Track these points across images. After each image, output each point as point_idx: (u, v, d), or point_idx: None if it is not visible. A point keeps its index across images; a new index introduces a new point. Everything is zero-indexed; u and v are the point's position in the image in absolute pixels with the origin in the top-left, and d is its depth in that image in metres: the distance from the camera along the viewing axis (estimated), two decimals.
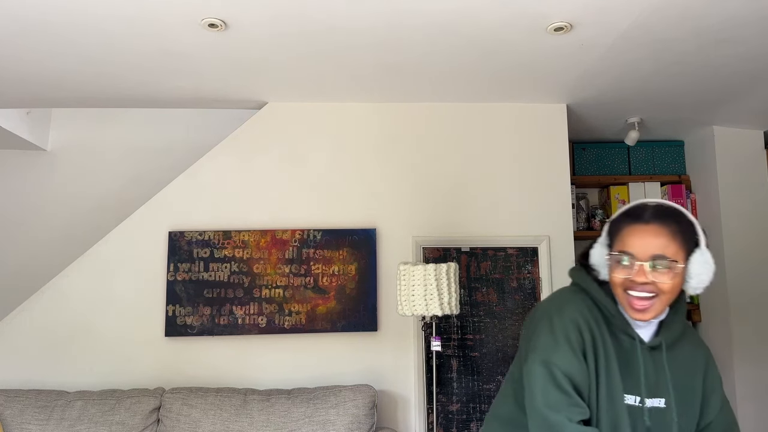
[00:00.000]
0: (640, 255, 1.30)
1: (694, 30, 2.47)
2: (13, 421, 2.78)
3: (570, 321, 1.37)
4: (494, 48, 2.70)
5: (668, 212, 1.33)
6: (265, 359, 3.19)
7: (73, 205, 3.75)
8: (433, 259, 3.33)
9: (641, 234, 1.31)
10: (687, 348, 1.45)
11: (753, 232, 3.70)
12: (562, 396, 1.30)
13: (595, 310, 1.40)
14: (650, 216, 1.32)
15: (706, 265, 1.31)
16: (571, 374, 1.32)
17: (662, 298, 1.31)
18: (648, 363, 1.38)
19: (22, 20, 2.34)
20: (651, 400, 1.37)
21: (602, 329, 1.38)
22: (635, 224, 1.33)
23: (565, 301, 1.41)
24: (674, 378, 1.40)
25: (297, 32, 2.52)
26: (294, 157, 3.37)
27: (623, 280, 1.32)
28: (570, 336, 1.35)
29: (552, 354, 1.34)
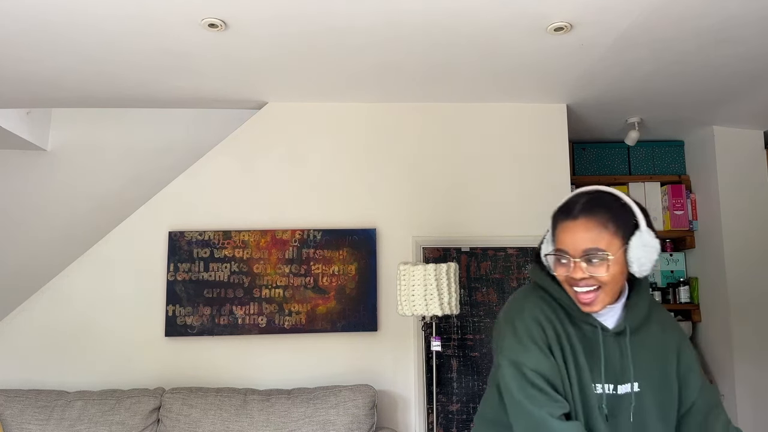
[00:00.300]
0: (573, 252, 1.29)
1: (694, 30, 2.47)
2: (13, 421, 2.78)
3: (531, 319, 1.37)
4: (494, 48, 2.70)
5: (598, 202, 1.30)
6: (265, 359, 3.19)
7: (73, 205, 3.75)
8: (433, 259, 3.33)
9: (571, 230, 1.29)
10: (655, 330, 1.42)
11: (753, 232, 3.70)
12: (538, 393, 1.30)
13: (554, 304, 1.39)
14: (579, 210, 1.30)
15: (646, 248, 1.28)
16: (541, 371, 1.31)
17: (606, 289, 1.29)
18: (613, 350, 1.36)
19: (22, 20, 2.34)
20: (622, 386, 1.35)
21: (564, 322, 1.37)
22: (566, 221, 1.31)
23: (524, 300, 1.41)
24: (643, 362, 1.38)
25: (297, 32, 2.52)
26: (294, 157, 3.37)
27: (565, 278, 1.32)
28: (533, 334, 1.35)
29: (520, 355, 1.34)
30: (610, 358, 1.36)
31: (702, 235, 3.92)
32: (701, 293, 3.93)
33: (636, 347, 1.39)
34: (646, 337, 1.40)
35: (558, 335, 1.36)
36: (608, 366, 1.36)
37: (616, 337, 1.38)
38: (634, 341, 1.39)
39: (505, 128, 3.46)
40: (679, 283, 3.97)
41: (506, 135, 3.45)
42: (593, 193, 1.34)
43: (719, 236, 3.72)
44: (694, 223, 3.96)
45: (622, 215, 1.30)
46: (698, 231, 3.95)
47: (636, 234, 1.29)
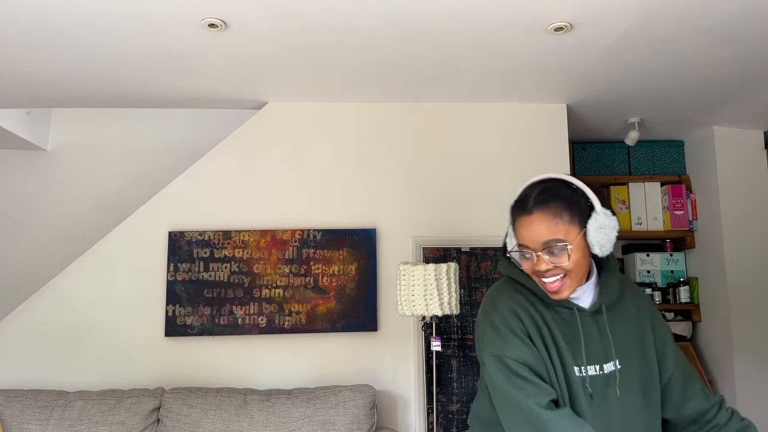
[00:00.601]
0: (534, 246, 1.29)
1: (694, 30, 2.47)
2: (13, 421, 2.78)
3: (507, 311, 1.37)
4: (494, 48, 2.70)
5: (550, 192, 1.30)
6: (265, 359, 3.19)
7: (73, 205, 3.75)
8: (433, 259, 3.33)
9: (528, 225, 1.29)
10: (629, 305, 1.44)
11: (753, 232, 3.70)
12: (524, 383, 1.30)
13: (527, 293, 1.40)
14: (533, 204, 1.30)
15: (603, 229, 1.29)
16: (525, 361, 1.32)
17: (571, 275, 1.30)
18: (591, 330, 1.37)
19: (22, 20, 2.34)
20: (608, 365, 1.36)
21: (540, 309, 1.37)
22: (522, 216, 1.31)
23: (497, 294, 1.42)
24: (622, 338, 1.39)
25: (297, 32, 2.52)
26: (294, 157, 3.37)
27: (532, 271, 1.33)
28: (511, 325, 1.35)
29: (501, 348, 1.34)
30: (590, 338, 1.36)
31: (702, 235, 3.92)
32: (701, 293, 3.92)
33: (613, 324, 1.39)
34: (621, 313, 1.42)
35: (536, 323, 1.36)
36: (589, 346, 1.36)
37: (594, 317, 1.38)
38: (611, 318, 1.39)
39: (505, 128, 3.46)
40: (679, 283, 3.97)
41: (506, 135, 3.45)
42: (544, 182, 1.33)
43: (719, 236, 3.71)
44: (694, 223, 3.96)
45: (576, 201, 1.31)
46: (698, 231, 3.95)
47: (592, 216, 1.30)
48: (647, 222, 4.01)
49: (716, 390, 3.71)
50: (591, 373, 1.34)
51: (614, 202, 4.04)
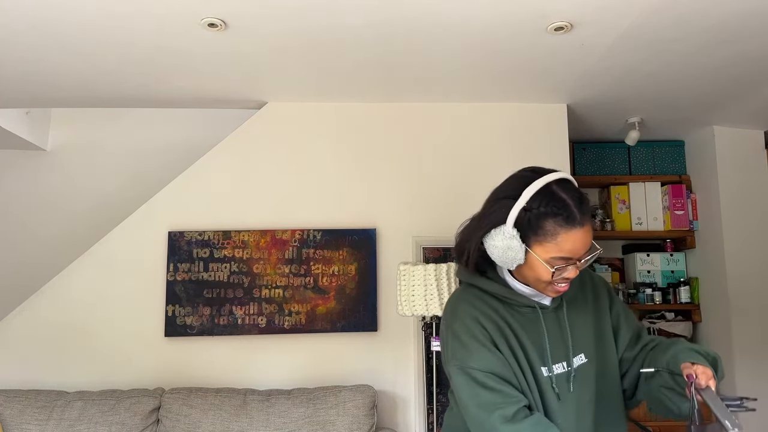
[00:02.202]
0: (579, 256, 1.25)
1: (694, 30, 2.47)
2: (12, 421, 2.78)
3: (468, 318, 1.32)
4: (494, 48, 2.69)
5: (584, 197, 1.27)
6: (265, 359, 3.19)
7: (73, 205, 3.75)
8: (433, 259, 3.33)
9: (580, 237, 1.22)
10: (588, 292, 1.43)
11: (753, 232, 3.69)
12: (490, 395, 1.25)
13: (487, 297, 1.36)
14: (581, 214, 1.23)
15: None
16: (491, 369, 1.27)
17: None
18: (554, 327, 1.35)
19: (22, 20, 2.34)
20: (575, 359, 1.34)
21: (501, 312, 1.34)
22: (572, 229, 1.22)
23: (457, 303, 1.38)
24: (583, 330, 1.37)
25: (297, 32, 2.52)
26: (294, 157, 3.37)
27: (554, 278, 1.27)
28: (474, 332, 1.30)
29: (465, 358, 1.29)
30: (554, 335, 1.34)
31: (702, 235, 3.92)
32: (701, 293, 3.92)
33: (574, 317, 1.37)
34: (581, 304, 1.40)
35: (500, 328, 1.32)
36: (553, 344, 1.33)
37: (555, 312, 1.36)
38: (572, 312, 1.38)
39: (505, 128, 3.46)
40: (680, 283, 3.97)
41: (506, 135, 3.45)
42: (567, 183, 1.29)
43: (719, 236, 3.71)
44: (695, 223, 3.96)
45: None
46: (698, 231, 3.95)
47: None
48: (647, 222, 4.01)
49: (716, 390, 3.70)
50: (558, 371, 1.33)
51: (614, 202, 4.04)
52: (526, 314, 1.34)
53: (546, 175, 1.29)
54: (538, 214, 1.24)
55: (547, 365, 1.32)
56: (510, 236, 1.25)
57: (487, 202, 1.37)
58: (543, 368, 1.32)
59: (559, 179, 1.28)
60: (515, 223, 1.26)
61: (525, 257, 1.26)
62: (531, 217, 1.24)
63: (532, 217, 1.24)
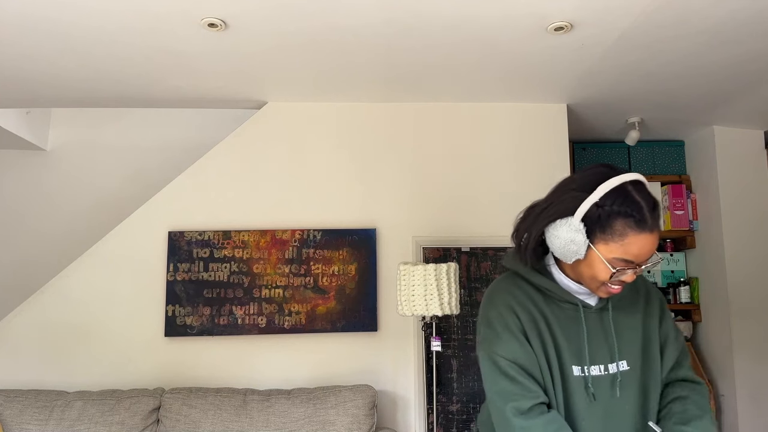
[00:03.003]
0: (641, 261, 1.23)
1: (694, 30, 2.47)
2: (13, 421, 2.78)
3: (503, 307, 1.33)
4: (494, 48, 2.69)
5: (658, 204, 1.25)
6: (265, 359, 3.19)
7: (73, 205, 3.75)
8: (433, 259, 3.33)
9: (647, 243, 1.20)
10: (640, 300, 1.39)
11: (753, 232, 3.69)
12: (509, 385, 1.27)
13: (528, 287, 1.35)
14: (652, 220, 1.20)
15: None
16: (515, 359, 1.28)
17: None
18: (596, 328, 1.32)
19: (22, 20, 2.34)
20: (613, 365, 1.31)
21: (540, 305, 1.33)
22: (642, 233, 1.19)
23: (496, 290, 1.39)
24: (629, 336, 1.34)
25: (297, 32, 2.52)
26: (294, 157, 3.37)
27: (611, 281, 1.25)
28: (507, 321, 1.31)
29: (493, 344, 1.31)
30: (595, 336, 1.32)
31: (702, 235, 3.92)
32: (701, 293, 3.92)
33: (620, 323, 1.34)
34: (630, 311, 1.36)
35: (534, 319, 1.32)
36: (593, 345, 1.31)
37: (600, 314, 1.33)
38: (618, 317, 1.34)
39: (505, 128, 3.46)
40: (680, 283, 3.97)
41: (506, 135, 3.45)
42: (642, 185, 1.24)
43: (719, 236, 3.71)
44: (695, 223, 3.96)
45: None
46: (698, 231, 3.95)
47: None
48: None
49: (716, 390, 3.71)
50: (595, 373, 1.30)
51: None
52: (567, 310, 1.32)
53: (622, 175, 1.24)
54: (609, 212, 1.20)
55: (581, 365, 1.30)
56: (576, 229, 1.22)
57: (554, 191, 1.32)
58: (575, 367, 1.30)
59: (634, 180, 1.24)
60: (584, 217, 1.23)
61: (586, 253, 1.23)
62: (602, 214, 1.21)
63: (603, 214, 1.21)
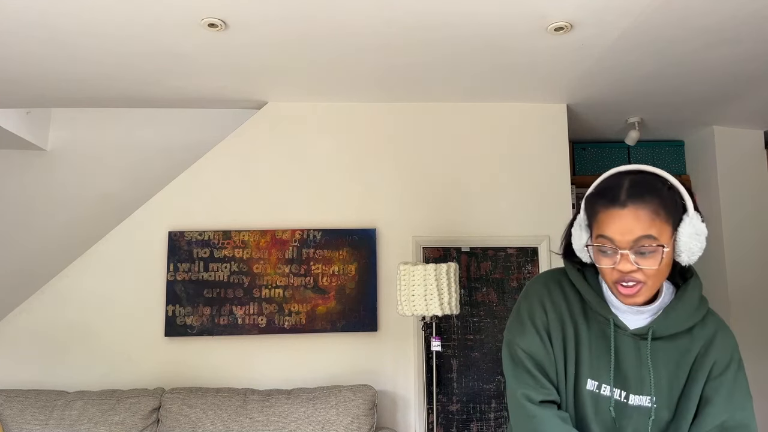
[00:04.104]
0: (621, 243, 1.13)
1: (694, 30, 2.47)
2: (13, 421, 2.78)
3: (536, 301, 1.32)
4: (494, 48, 2.70)
5: (646, 186, 1.14)
6: (265, 359, 3.19)
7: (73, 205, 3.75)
8: (433, 259, 3.33)
9: (618, 219, 1.13)
10: (694, 344, 1.24)
11: (753, 232, 3.70)
12: (524, 374, 1.27)
13: (570, 290, 1.31)
14: (627, 196, 1.13)
15: (696, 235, 1.13)
16: (533, 353, 1.28)
17: (649, 284, 1.16)
18: (629, 352, 1.23)
19: (22, 21, 2.34)
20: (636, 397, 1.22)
21: (575, 310, 1.29)
22: (611, 208, 1.14)
23: (536, 281, 1.36)
24: (665, 374, 1.23)
25: (297, 32, 2.52)
26: (294, 157, 3.37)
27: (611, 272, 1.17)
28: (534, 315, 1.30)
29: (516, 335, 1.31)
30: (622, 360, 1.23)
31: None
32: None
33: (658, 356, 1.22)
34: (675, 347, 1.23)
35: (563, 323, 1.29)
36: (621, 368, 1.23)
37: (634, 339, 1.23)
38: (659, 349, 1.22)
39: (505, 128, 3.46)
40: None
41: (506, 135, 3.45)
42: (637, 174, 1.17)
43: (719, 236, 3.71)
44: None
45: (672, 200, 1.14)
46: None
47: (685, 219, 1.14)
48: None
49: None
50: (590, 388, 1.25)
51: None
52: (599, 324, 1.27)
53: (623, 166, 1.22)
54: (589, 196, 1.22)
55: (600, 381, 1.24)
56: (580, 224, 1.24)
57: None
58: (591, 381, 1.25)
59: (632, 169, 1.20)
60: (584, 210, 1.24)
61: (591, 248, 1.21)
62: (587, 201, 1.22)
63: (587, 200, 1.22)
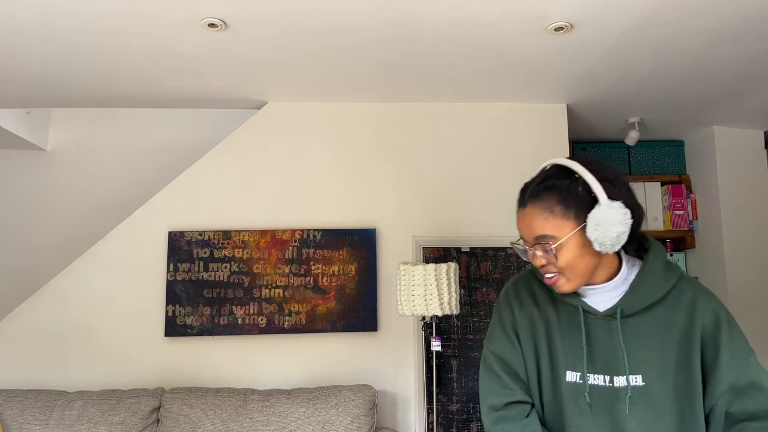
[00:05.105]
0: (528, 241, 1.23)
1: (694, 30, 2.47)
2: (13, 421, 2.78)
3: (504, 304, 1.39)
4: (494, 48, 2.69)
5: (546, 183, 1.20)
6: (265, 359, 3.19)
7: (73, 205, 3.74)
8: (433, 259, 3.33)
9: (521, 218, 1.24)
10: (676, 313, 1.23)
11: (753, 232, 3.69)
12: (490, 380, 1.34)
13: (538, 287, 1.35)
14: (528, 196, 1.22)
15: (600, 225, 1.14)
16: (500, 354, 1.34)
17: (568, 274, 1.19)
18: (602, 336, 1.23)
19: (22, 20, 2.34)
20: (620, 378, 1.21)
21: (545, 305, 1.32)
22: (519, 208, 1.25)
23: (508, 285, 1.42)
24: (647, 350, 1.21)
25: (297, 32, 2.52)
26: (294, 157, 3.37)
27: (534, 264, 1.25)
28: (503, 318, 1.37)
29: (489, 340, 1.39)
30: (599, 345, 1.23)
31: (702, 235, 3.92)
32: None
33: (634, 333, 1.22)
34: (653, 322, 1.23)
35: (532, 321, 1.33)
36: (595, 354, 1.24)
37: (608, 321, 1.24)
38: (633, 326, 1.23)
39: (505, 128, 3.46)
40: None
41: (506, 135, 3.45)
42: (547, 171, 1.24)
43: (719, 236, 3.71)
44: (694, 223, 3.96)
45: (573, 192, 1.18)
46: (698, 231, 3.95)
47: (595, 210, 1.16)
48: (647, 222, 4.00)
49: None
50: (593, 382, 1.23)
51: None
52: (569, 312, 1.29)
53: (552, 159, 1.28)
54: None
55: (578, 371, 1.24)
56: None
57: None
58: (570, 372, 1.25)
59: (550, 164, 1.27)
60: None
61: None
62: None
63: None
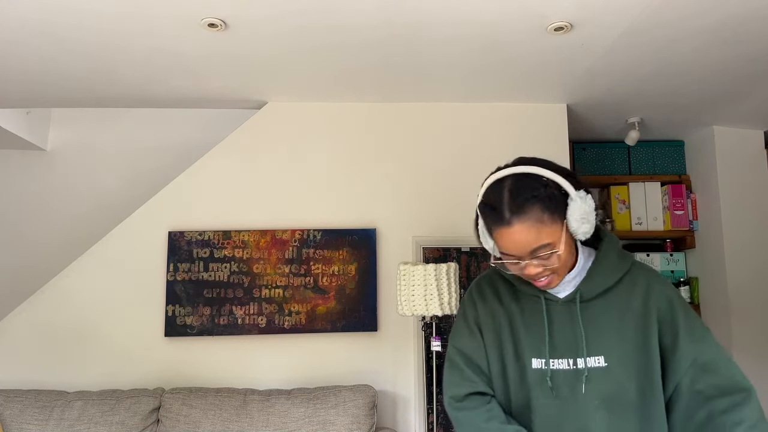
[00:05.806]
0: (522, 255, 1.20)
1: (694, 30, 2.47)
2: (13, 421, 2.78)
3: (468, 300, 1.44)
4: (494, 48, 2.69)
5: (523, 195, 1.18)
6: (265, 359, 3.19)
7: (73, 205, 3.74)
8: (433, 259, 3.33)
9: (509, 237, 1.19)
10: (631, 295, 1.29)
11: (753, 232, 3.69)
12: (452, 373, 1.38)
13: (500, 282, 1.40)
14: (510, 212, 1.18)
15: (585, 216, 1.20)
16: (463, 348, 1.38)
17: (560, 270, 1.25)
18: (563, 321, 1.28)
19: (23, 20, 2.34)
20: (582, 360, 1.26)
21: (507, 299, 1.37)
22: (500, 227, 1.19)
23: (472, 284, 1.47)
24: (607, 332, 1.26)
25: (297, 32, 2.52)
26: (294, 157, 3.37)
27: (520, 274, 1.26)
28: (466, 314, 1.42)
29: (452, 335, 1.44)
30: (560, 329, 1.29)
31: (702, 235, 3.92)
32: (701, 293, 3.92)
33: (593, 316, 1.28)
34: (612, 304, 1.29)
35: (494, 313, 1.37)
36: (556, 338, 1.28)
37: (569, 306, 1.29)
38: (592, 310, 1.28)
39: (505, 128, 3.46)
40: (680, 283, 3.97)
41: (506, 135, 3.45)
42: (513, 183, 1.22)
43: (719, 236, 3.71)
44: (694, 223, 3.96)
45: (551, 196, 1.20)
46: (698, 231, 3.95)
47: (570, 205, 1.20)
48: (647, 222, 4.01)
49: None
50: (557, 367, 1.28)
51: (614, 201, 4.04)
52: (532, 303, 1.34)
53: (507, 169, 1.26)
54: (478, 213, 1.28)
55: (543, 358, 1.28)
56: (482, 230, 1.29)
57: None
58: (536, 360, 1.29)
59: (507, 174, 1.25)
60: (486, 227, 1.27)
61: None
62: (478, 215, 1.29)
63: (478, 214, 1.29)
